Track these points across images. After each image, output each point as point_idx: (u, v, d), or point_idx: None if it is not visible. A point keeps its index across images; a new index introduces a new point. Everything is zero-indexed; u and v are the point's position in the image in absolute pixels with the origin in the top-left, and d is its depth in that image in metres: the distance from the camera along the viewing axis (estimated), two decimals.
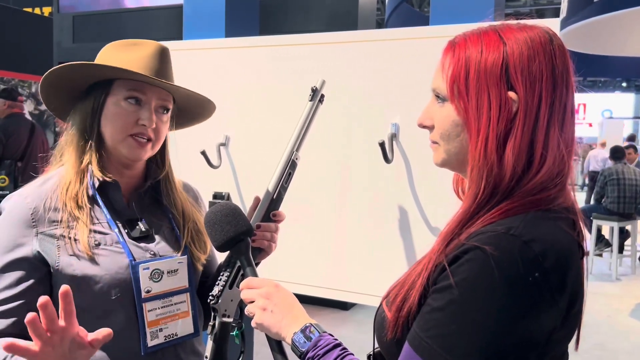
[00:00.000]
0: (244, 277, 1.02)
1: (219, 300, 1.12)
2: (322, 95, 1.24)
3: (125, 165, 1.16)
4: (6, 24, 6.76)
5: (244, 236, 1.04)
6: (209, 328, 1.14)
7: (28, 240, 1.05)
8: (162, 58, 1.15)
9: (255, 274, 1.02)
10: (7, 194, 4.44)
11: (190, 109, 1.28)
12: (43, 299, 0.84)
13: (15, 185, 4.54)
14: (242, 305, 1.17)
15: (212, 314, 1.14)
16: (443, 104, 0.84)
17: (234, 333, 1.17)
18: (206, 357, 1.13)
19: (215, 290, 1.12)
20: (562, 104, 0.79)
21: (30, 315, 0.83)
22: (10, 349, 0.84)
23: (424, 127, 0.89)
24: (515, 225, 0.73)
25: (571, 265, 0.74)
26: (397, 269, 1.61)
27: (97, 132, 1.12)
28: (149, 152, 1.14)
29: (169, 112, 1.18)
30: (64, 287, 0.87)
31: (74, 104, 1.16)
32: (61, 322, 0.87)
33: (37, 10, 7.84)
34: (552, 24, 1.34)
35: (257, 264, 1.14)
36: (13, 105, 4.76)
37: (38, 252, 1.05)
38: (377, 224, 1.65)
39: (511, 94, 0.77)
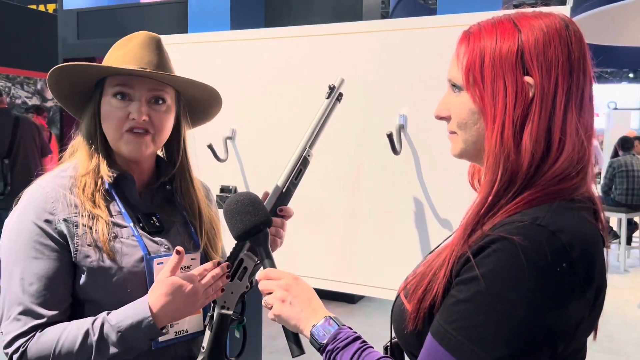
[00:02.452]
0: (263, 267, 1.02)
1: None
2: (340, 94, 1.22)
3: (130, 162, 1.15)
4: (11, 21, 6.78)
5: (264, 227, 1.03)
6: (207, 319, 1.14)
7: (51, 225, 1.04)
8: (152, 47, 1.12)
9: (273, 266, 1.01)
10: None
11: (199, 99, 1.25)
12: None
13: (5, 183, 4.30)
14: (244, 299, 1.17)
15: (212, 305, 1.13)
16: (459, 94, 0.83)
17: (235, 326, 1.17)
18: (203, 348, 1.13)
19: None
20: (580, 89, 0.78)
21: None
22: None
23: (441, 118, 0.88)
24: (541, 215, 0.72)
25: (597, 255, 0.74)
26: (405, 260, 1.60)
27: (100, 133, 1.12)
28: (151, 146, 1.11)
29: (166, 103, 1.14)
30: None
31: (86, 99, 1.16)
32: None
33: (41, 7, 7.85)
34: (562, 12, 1.32)
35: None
36: None
37: (64, 234, 1.04)
38: (386, 215, 1.64)
39: (527, 78, 0.77)
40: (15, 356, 1.00)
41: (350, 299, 4.71)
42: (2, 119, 4.39)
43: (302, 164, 1.17)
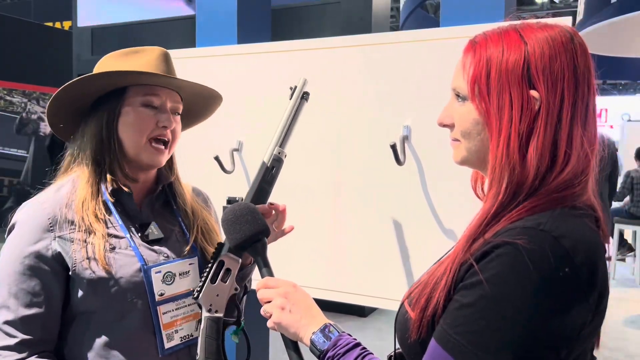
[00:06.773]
0: (261, 276, 1.01)
1: (200, 295, 1.11)
2: (306, 93, 1.22)
3: (144, 170, 1.18)
4: (27, 38, 6.92)
5: (262, 236, 1.04)
6: (195, 324, 1.14)
7: (47, 243, 1.06)
8: (167, 61, 1.18)
9: (271, 274, 1.02)
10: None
11: (197, 108, 1.30)
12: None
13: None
14: (237, 301, 1.16)
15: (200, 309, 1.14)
16: (463, 103, 0.84)
17: (233, 332, 1.16)
18: (197, 354, 1.12)
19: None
20: (585, 102, 0.78)
21: None
22: None
23: (445, 125, 0.88)
24: (544, 221, 0.73)
25: (599, 261, 0.74)
26: (409, 271, 1.60)
27: (115, 141, 1.13)
28: (167, 155, 1.17)
29: (180, 114, 1.20)
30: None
31: (76, 123, 1.17)
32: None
33: (57, 25, 8.00)
34: (565, 23, 1.32)
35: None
36: None
37: (58, 252, 1.06)
38: (390, 226, 1.64)
39: (533, 92, 0.77)
40: None
41: (361, 313, 4.68)
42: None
43: (275, 161, 1.18)
